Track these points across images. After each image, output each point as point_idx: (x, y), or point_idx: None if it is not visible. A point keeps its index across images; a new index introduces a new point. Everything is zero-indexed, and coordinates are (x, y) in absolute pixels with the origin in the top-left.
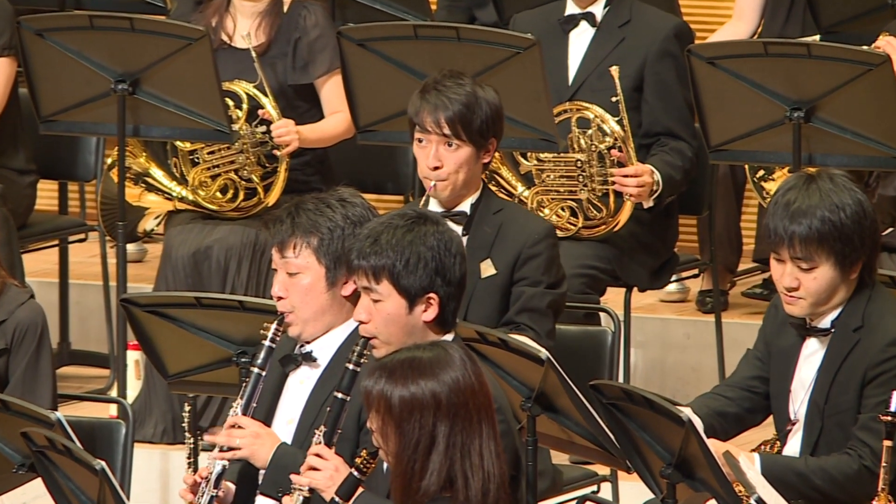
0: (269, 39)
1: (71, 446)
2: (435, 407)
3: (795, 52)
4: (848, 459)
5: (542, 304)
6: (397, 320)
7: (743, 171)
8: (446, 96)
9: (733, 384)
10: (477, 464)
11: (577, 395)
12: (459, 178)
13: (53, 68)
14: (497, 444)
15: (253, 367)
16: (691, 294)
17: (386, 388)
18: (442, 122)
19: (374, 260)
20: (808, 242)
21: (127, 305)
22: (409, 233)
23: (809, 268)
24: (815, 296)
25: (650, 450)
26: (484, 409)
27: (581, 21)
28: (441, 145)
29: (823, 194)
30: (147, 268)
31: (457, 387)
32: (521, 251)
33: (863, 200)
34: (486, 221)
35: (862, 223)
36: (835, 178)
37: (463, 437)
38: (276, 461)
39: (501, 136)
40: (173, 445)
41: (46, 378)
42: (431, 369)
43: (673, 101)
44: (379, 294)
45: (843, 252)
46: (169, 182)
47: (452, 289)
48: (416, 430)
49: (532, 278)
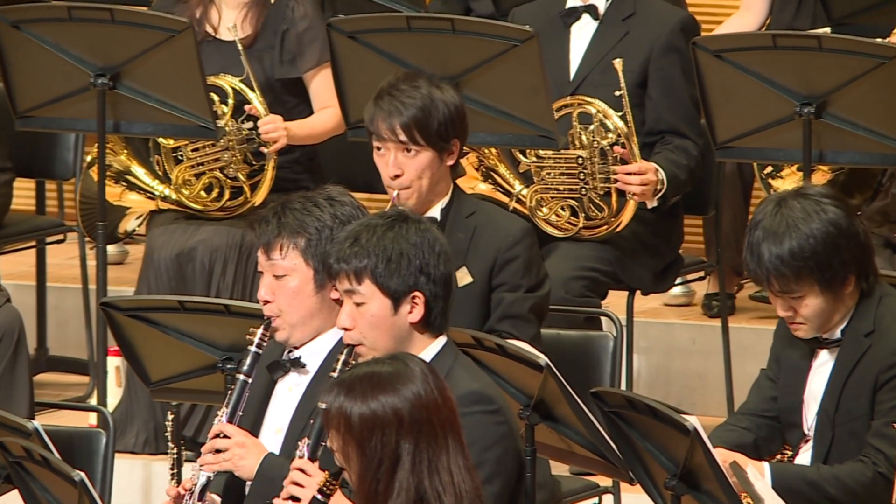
0: (256, 31)
1: (49, 457)
2: (397, 424)
3: (805, 45)
4: (862, 467)
5: (522, 309)
6: (382, 322)
7: (751, 169)
8: (400, 101)
9: (748, 412)
10: (448, 480)
11: (578, 402)
12: (423, 184)
13: (30, 62)
14: (466, 459)
15: (239, 373)
16: (697, 297)
17: (345, 405)
18: (397, 129)
19: (356, 261)
20: (784, 278)
21: (107, 309)
22: (390, 231)
23: (797, 297)
24: (813, 321)
25: (654, 460)
26: (449, 423)
27: (583, 14)
28: (399, 152)
29: (790, 224)
30: (128, 270)
31: (419, 402)
32: (498, 256)
33: (835, 219)
34: (459, 226)
35: (837, 243)
36: (804, 200)
37: (429, 454)
38: (263, 472)
39: (466, 135)
40: (156, 456)
41: (23, 385)
42: (392, 384)
43: (678, 98)
44: (362, 296)
45: (824, 277)
46: (151, 181)
47: (438, 288)
48: (378, 448)
49: (511, 283)
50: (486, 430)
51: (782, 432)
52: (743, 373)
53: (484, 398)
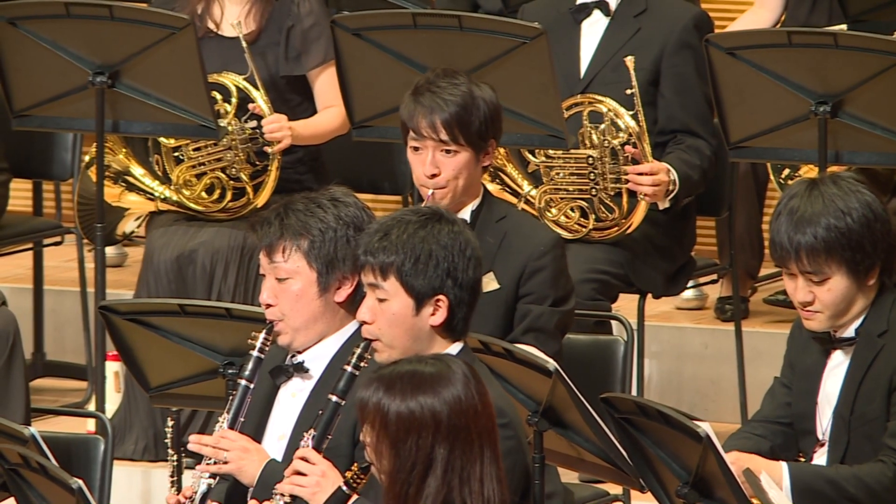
0: (260, 27)
1: (46, 464)
2: (434, 427)
3: (821, 42)
4: (882, 467)
5: (549, 324)
6: (403, 322)
7: (765, 170)
8: (441, 98)
9: (762, 419)
10: (477, 490)
11: (588, 409)
12: (459, 184)
13: (27, 60)
14: (499, 469)
15: (240, 378)
16: (709, 301)
17: (383, 401)
18: (438, 126)
19: (383, 256)
20: (815, 254)
21: (106, 313)
22: (422, 229)
23: (821, 280)
24: (832, 308)
25: (665, 467)
26: (486, 431)
27: (594, 10)
28: (438, 151)
29: (827, 200)
30: (127, 273)
31: (458, 407)
32: (527, 265)
33: (871, 202)
34: (489, 231)
35: (872, 227)
36: (840, 181)
37: (462, 462)
38: (265, 479)
39: (500, 135)
40: (155, 463)
41: (19, 391)
42: (432, 386)
43: (691, 96)
44: (385, 292)
45: (854, 259)
46: (151, 181)
47: (464, 293)
48: (412, 450)
49: (538, 294)
50: None
51: (797, 437)
52: (757, 378)
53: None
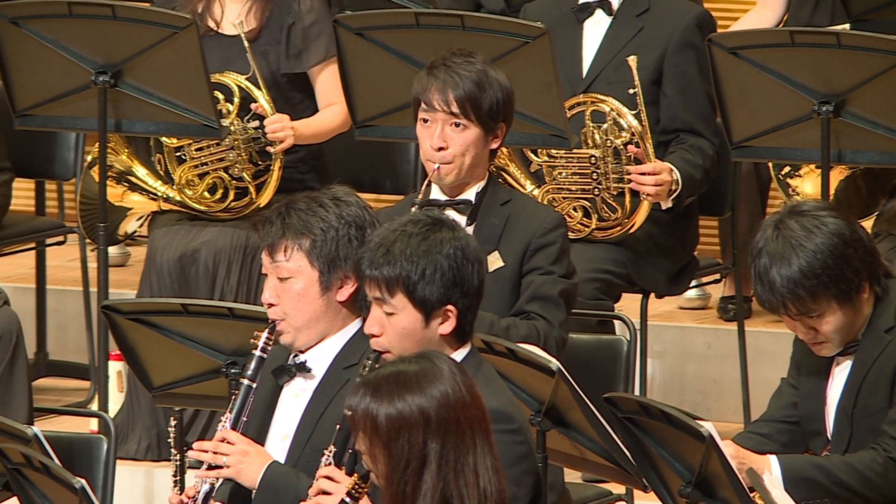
0: (261, 25)
1: (49, 463)
2: (424, 424)
3: (824, 42)
4: (873, 454)
5: (553, 291)
6: (412, 335)
7: (767, 169)
8: (456, 73)
9: (768, 419)
10: (472, 482)
11: (590, 408)
12: (465, 161)
13: (29, 59)
14: (494, 458)
15: (243, 378)
16: (712, 301)
17: (371, 406)
18: (450, 100)
19: (388, 270)
20: (800, 301)
21: (108, 313)
22: (425, 241)
23: (817, 316)
24: (837, 335)
25: (668, 467)
26: (477, 422)
27: (596, 9)
28: (448, 125)
29: (794, 244)
30: (130, 272)
31: (446, 401)
32: (531, 241)
33: (837, 228)
34: (493, 212)
35: (846, 254)
36: (802, 216)
37: (456, 454)
38: (267, 482)
39: (511, 122)
40: (158, 463)
41: (22, 390)
42: (418, 383)
43: (694, 96)
44: (393, 307)
45: (840, 290)
46: (153, 181)
47: (470, 299)
48: (405, 449)
49: (543, 268)
50: (504, 449)
51: (804, 438)
52: (760, 378)
53: (504, 416)
